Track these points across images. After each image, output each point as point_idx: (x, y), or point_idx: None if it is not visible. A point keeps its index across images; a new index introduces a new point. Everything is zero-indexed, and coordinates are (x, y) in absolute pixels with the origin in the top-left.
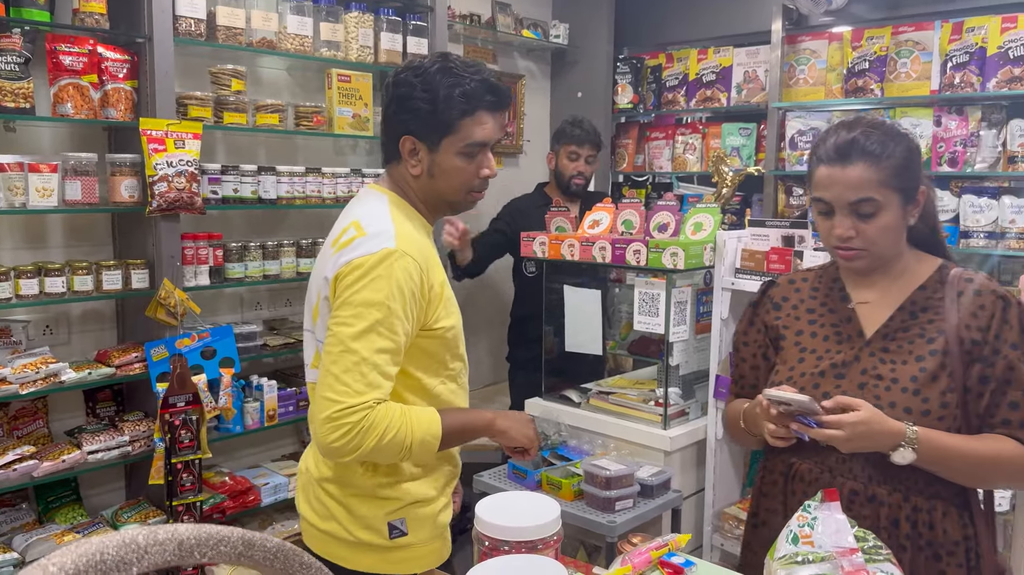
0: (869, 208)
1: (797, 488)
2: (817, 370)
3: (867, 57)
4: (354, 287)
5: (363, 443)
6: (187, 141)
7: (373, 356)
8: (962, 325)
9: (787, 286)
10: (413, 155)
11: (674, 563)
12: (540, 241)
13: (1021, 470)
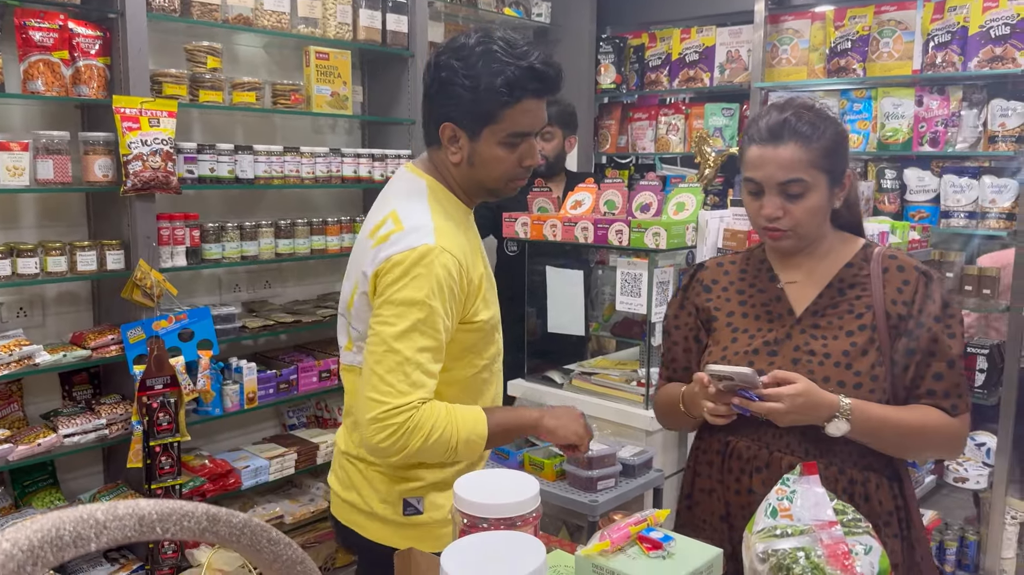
0: (797, 189)
1: (734, 466)
2: (750, 348)
3: (849, 37)
4: (395, 286)
5: (409, 443)
6: (162, 119)
7: (416, 355)
8: (888, 300)
9: (716, 269)
10: (453, 142)
11: (653, 538)
12: (522, 221)
13: (946, 439)
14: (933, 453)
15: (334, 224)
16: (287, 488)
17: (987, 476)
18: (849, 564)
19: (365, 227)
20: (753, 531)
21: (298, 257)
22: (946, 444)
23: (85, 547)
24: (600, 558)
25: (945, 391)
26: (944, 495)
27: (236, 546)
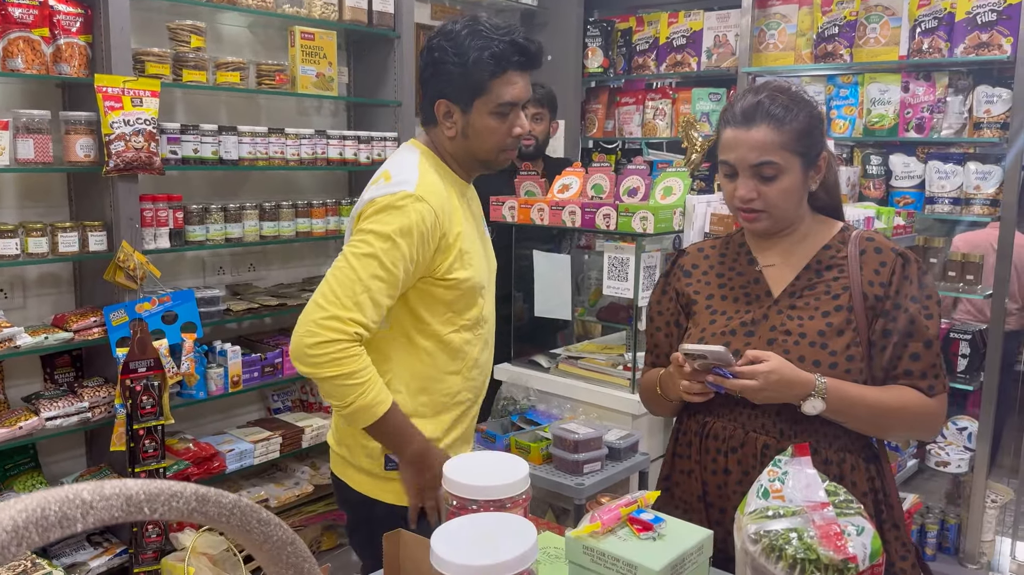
0: (770, 171)
1: (711, 446)
2: (728, 329)
3: (837, 22)
4: (368, 220)
5: (326, 365)
6: (145, 99)
7: (369, 280)
8: (865, 281)
9: (696, 254)
10: (448, 117)
11: (643, 519)
12: (509, 205)
13: (921, 418)
14: (911, 433)
15: (319, 207)
16: (272, 472)
17: (968, 460)
18: (842, 545)
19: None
20: (745, 512)
21: (283, 240)
22: (923, 424)
23: (71, 528)
24: (591, 539)
25: (922, 371)
26: (926, 479)
27: (225, 527)
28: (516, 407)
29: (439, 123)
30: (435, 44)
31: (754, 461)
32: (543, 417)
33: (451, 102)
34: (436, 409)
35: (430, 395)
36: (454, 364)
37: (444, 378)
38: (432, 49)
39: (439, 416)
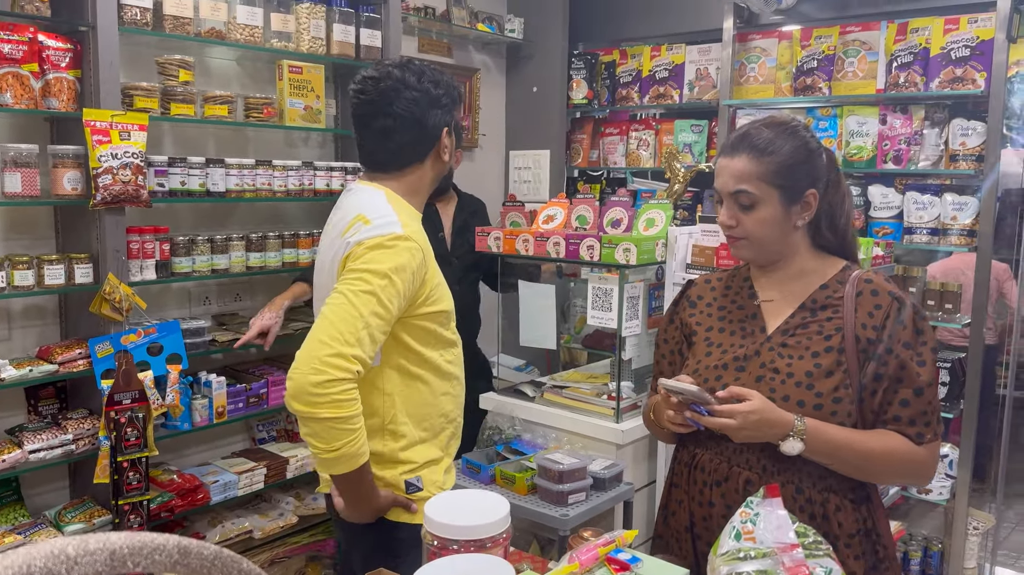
0: (746, 200)
1: (698, 477)
2: (720, 363)
3: (816, 56)
4: (362, 259)
5: (324, 406)
6: (133, 132)
7: (368, 316)
8: (858, 323)
9: (703, 285)
10: (445, 148)
11: (620, 559)
12: (495, 236)
13: (907, 465)
14: (898, 479)
15: (306, 237)
16: (256, 503)
17: (950, 488)
18: None
19: (331, 236)
20: (718, 554)
21: (269, 270)
22: (911, 471)
23: None
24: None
25: (911, 418)
26: (909, 506)
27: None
28: (501, 437)
29: (437, 153)
30: (413, 83)
31: (736, 496)
32: (528, 447)
33: (448, 129)
34: (435, 431)
35: (430, 420)
36: (446, 385)
37: (439, 401)
38: (421, 87)
39: (438, 437)
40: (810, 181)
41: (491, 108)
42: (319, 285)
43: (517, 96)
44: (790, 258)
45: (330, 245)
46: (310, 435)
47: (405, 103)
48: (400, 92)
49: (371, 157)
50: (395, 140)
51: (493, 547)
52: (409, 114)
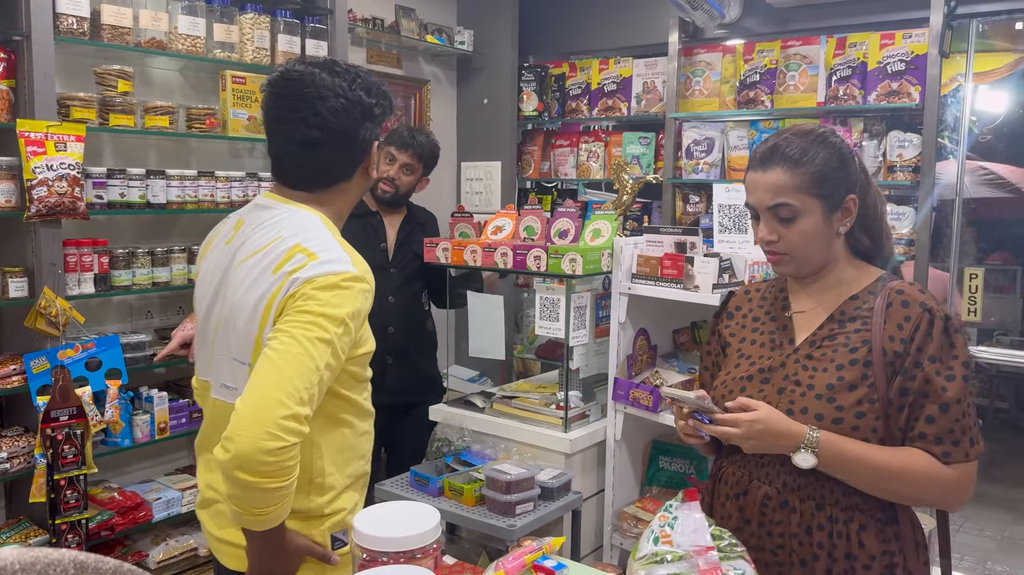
0: (787, 213)
1: (720, 490)
2: (747, 374)
3: (758, 70)
4: (315, 299)
5: (272, 476)
6: (69, 143)
7: (322, 370)
8: (886, 336)
9: (742, 296)
10: (374, 163)
11: (546, 566)
12: (443, 247)
13: (932, 486)
14: (923, 501)
15: None
16: None
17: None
18: None
19: (252, 263)
20: (636, 558)
21: None
22: (935, 493)
23: None
24: None
25: (937, 436)
26: None
27: None
28: (451, 448)
29: (367, 168)
30: (355, 94)
31: (753, 510)
32: (478, 458)
33: (379, 145)
34: (357, 475)
35: (353, 464)
36: (365, 425)
37: (359, 442)
38: (353, 99)
39: (359, 480)
40: (848, 186)
41: (442, 120)
42: (226, 319)
43: (468, 108)
44: (830, 268)
45: (248, 274)
46: (242, 500)
47: (335, 113)
48: (327, 100)
49: (290, 172)
50: (321, 155)
51: (424, 558)
52: (338, 125)
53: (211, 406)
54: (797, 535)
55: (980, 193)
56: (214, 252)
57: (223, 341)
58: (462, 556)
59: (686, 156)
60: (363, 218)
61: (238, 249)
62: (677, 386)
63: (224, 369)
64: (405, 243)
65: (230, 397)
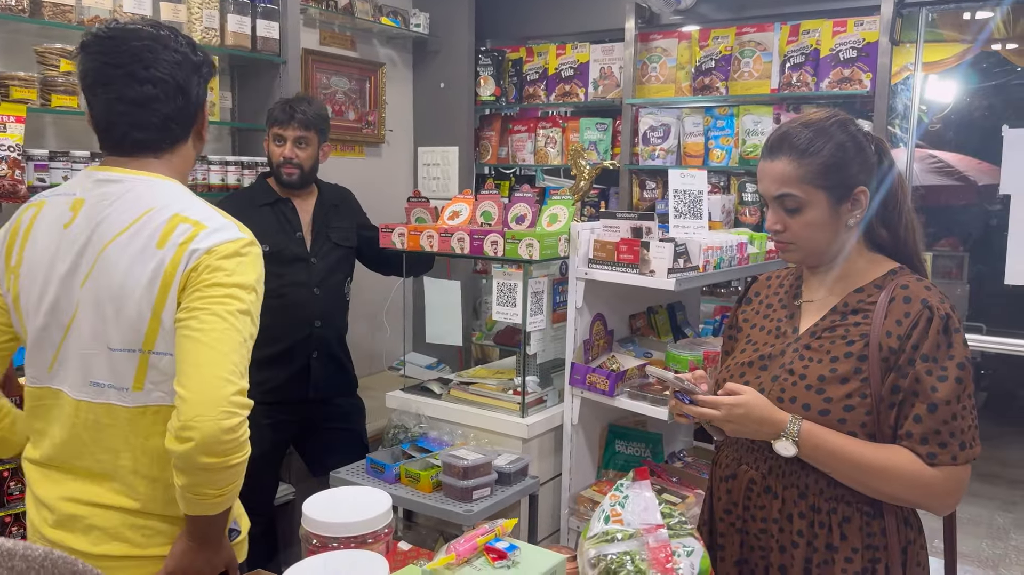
0: (792, 203)
1: (716, 472)
2: (748, 360)
3: (713, 56)
4: (223, 270)
5: (234, 452)
6: (9, 125)
7: (248, 340)
8: (884, 331)
9: (763, 282)
10: (205, 124)
11: (498, 548)
12: (399, 232)
13: (912, 486)
14: (908, 501)
15: None
16: None
17: None
18: (670, 567)
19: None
20: (587, 537)
21: None
22: (921, 494)
23: None
24: (446, 571)
25: (923, 436)
26: None
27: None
28: (407, 435)
29: (201, 132)
30: (177, 47)
31: (740, 494)
32: (435, 444)
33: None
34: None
35: None
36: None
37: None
38: (170, 48)
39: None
40: (858, 179)
41: (398, 104)
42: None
43: (424, 92)
44: (840, 259)
45: (122, 254)
46: (203, 485)
47: (168, 66)
48: (159, 53)
49: (127, 137)
50: (159, 113)
51: (375, 543)
52: (172, 79)
53: (70, 411)
54: (778, 521)
55: (929, 180)
56: (41, 240)
57: (91, 334)
58: (419, 542)
59: (643, 142)
60: (272, 206)
61: (94, 230)
62: (658, 365)
63: (94, 364)
64: (322, 230)
65: (101, 396)
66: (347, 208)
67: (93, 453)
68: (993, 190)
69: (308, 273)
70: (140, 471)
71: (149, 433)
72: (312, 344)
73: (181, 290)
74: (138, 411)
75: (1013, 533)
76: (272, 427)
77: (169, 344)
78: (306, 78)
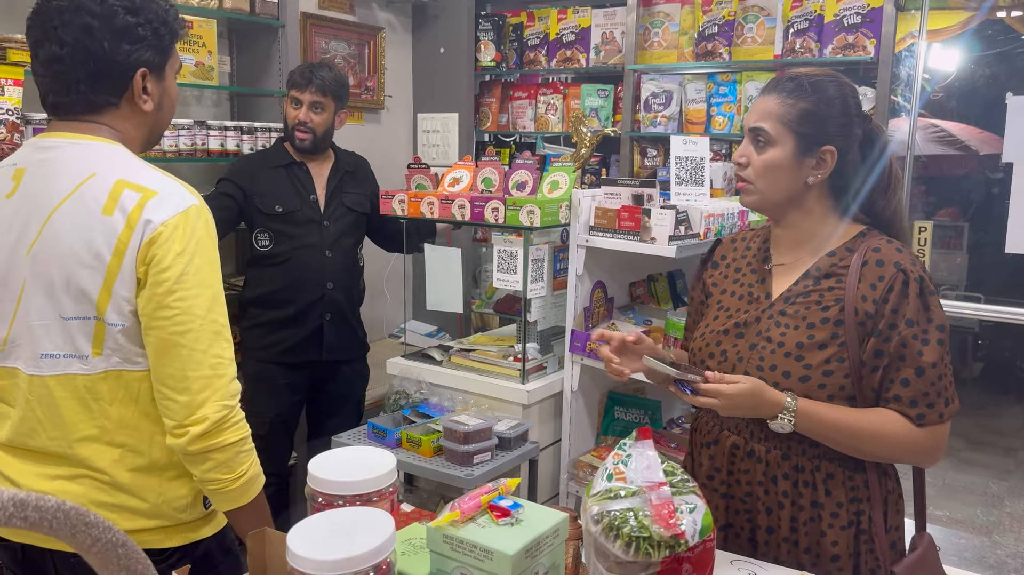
0: (763, 137)
1: (696, 439)
2: (723, 328)
3: (716, 21)
4: (185, 255)
5: (232, 433)
6: (7, 88)
7: (226, 322)
8: (859, 296)
9: (729, 244)
10: (145, 90)
11: (502, 506)
12: (399, 199)
13: (904, 447)
14: (897, 460)
15: None
16: None
17: None
18: (673, 522)
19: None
20: (590, 494)
21: None
22: (910, 453)
23: None
24: (450, 528)
25: (912, 399)
26: None
27: (48, 531)
28: (408, 401)
29: (133, 98)
30: (106, 9)
31: (723, 458)
32: (435, 410)
33: (149, 71)
34: None
35: None
36: None
37: None
38: (106, 16)
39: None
40: (830, 138)
41: (397, 69)
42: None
43: (424, 57)
44: (801, 217)
45: (67, 220)
46: (213, 469)
47: (75, 30)
48: (71, 14)
49: (46, 100)
50: (66, 76)
51: (379, 501)
52: (78, 43)
53: (24, 388)
54: (763, 483)
55: (931, 150)
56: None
57: (42, 304)
58: (420, 506)
59: (644, 109)
60: (287, 168)
61: (35, 199)
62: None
63: (47, 336)
64: (336, 194)
65: (57, 367)
66: (363, 175)
67: (46, 430)
68: (995, 160)
69: (320, 235)
70: (104, 438)
71: (112, 399)
72: (324, 306)
73: (142, 263)
74: (99, 377)
75: (1007, 500)
76: (289, 387)
77: (122, 316)
78: (305, 42)
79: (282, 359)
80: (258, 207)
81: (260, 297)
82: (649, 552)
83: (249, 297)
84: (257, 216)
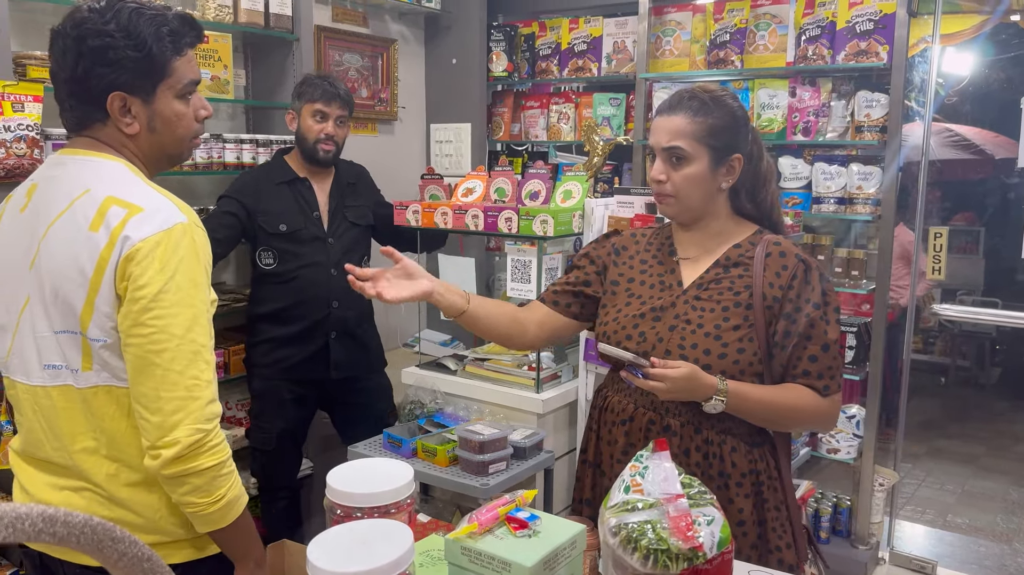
0: (679, 155)
1: (607, 418)
2: (639, 313)
3: (728, 29)
4: (165, 272)
5: (208, 458)
6: (27, 104)
7: (207, 342)
8: (766, 283)
9: (629, 238)
10: (125, 112)
11: (519, 518)
12: (413, 209)
13: (816, 415)
14: (806, 428)
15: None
16: None
17: (857, 446)
18: (691, 535)
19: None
20: (608, 506)
21: None
22: (818, 421)
23: None
24: (468, 540)
25: (819, 373)
26: (822, 466)
27: (76, 546)
28: (423, 410)
29: (114, 120)
30: (90, 30)
31: (639, 434)
32: (450, 419)
33: (129, 93)
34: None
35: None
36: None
37: None
38: (87, 36)
39: None
40: (736, 147)
41: (410, 80)
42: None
43: (437, 68)
44: (710, 219)
45: (59, 236)
46: (190, 493)
47: (58, 51)
48: (57, 35)
49: (60, 115)
50: (58, 93)
51: (397, 513)
52: (59, 64)
53: (28, 399)
54: (677, 456)
55: (945, 155)
56: (4, 228)
57: (41, 317)
58: (436, 516)
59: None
60: (290, 184)
61: (39, 214)
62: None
63: (46, 347)
64: (338, 209)
65: (58, 378)
66: (363, 186)
67: (49, 440)
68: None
69: (326, 253)
70: (101, 451)
71: (103, 415)
72: (330, 325)
73: (119, 279)
74: (90, 392)
75: None
76: (295, 402)
77: (104, 332)
78: (319, 55)
79: (288, 375)
80: (262, 225)
81: (266, 314)
82: (667, 565)
83: (255, 313)
84: (260, 235)
